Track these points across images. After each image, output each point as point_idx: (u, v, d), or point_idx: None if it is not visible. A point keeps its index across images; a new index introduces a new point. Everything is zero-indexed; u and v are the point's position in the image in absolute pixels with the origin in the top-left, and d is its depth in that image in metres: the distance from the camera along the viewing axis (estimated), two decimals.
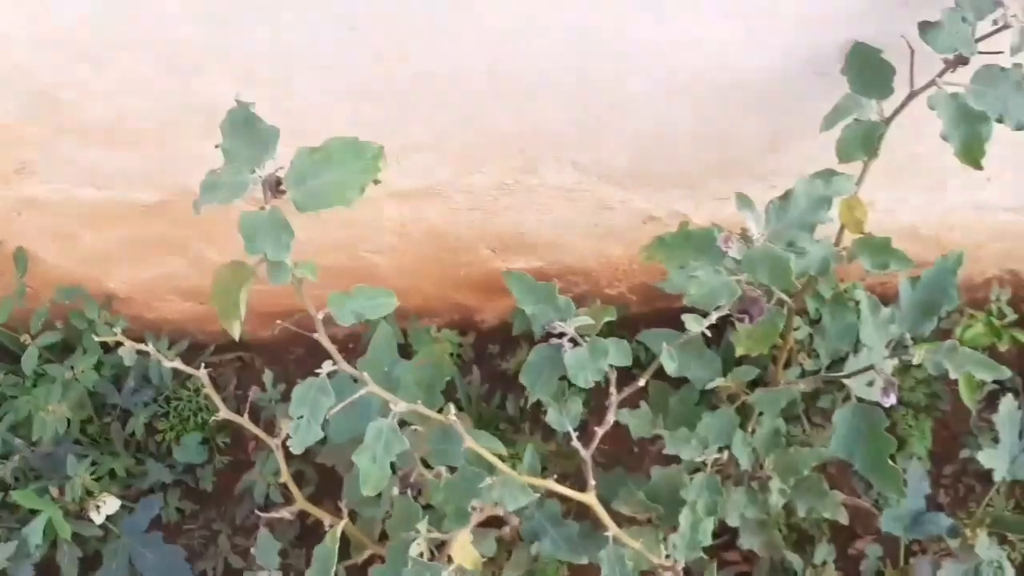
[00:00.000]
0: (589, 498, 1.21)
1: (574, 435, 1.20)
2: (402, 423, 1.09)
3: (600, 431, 1.23)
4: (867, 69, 1.15)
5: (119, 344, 1.47)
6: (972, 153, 1.09)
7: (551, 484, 1.17)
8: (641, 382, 1.23)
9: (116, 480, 1.89)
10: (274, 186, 0.98)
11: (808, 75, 1.29)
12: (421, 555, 1.12)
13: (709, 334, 1.24)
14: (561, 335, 1.16)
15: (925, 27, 1.10)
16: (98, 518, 1.75)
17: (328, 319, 1.15)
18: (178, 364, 1.50)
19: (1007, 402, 1.48)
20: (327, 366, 1.06)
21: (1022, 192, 1.56)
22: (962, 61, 1.12)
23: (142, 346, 1.47)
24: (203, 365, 1.74)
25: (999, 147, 1.46)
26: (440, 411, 1.16)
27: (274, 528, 1.68)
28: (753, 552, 1.69)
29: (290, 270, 0.95)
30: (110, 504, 1.76)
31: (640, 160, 1.47)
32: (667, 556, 1.25)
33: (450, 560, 1.10)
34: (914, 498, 1.51)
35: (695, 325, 1.12)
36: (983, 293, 1.78)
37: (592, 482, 1.22)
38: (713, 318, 1.13)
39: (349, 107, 1.36)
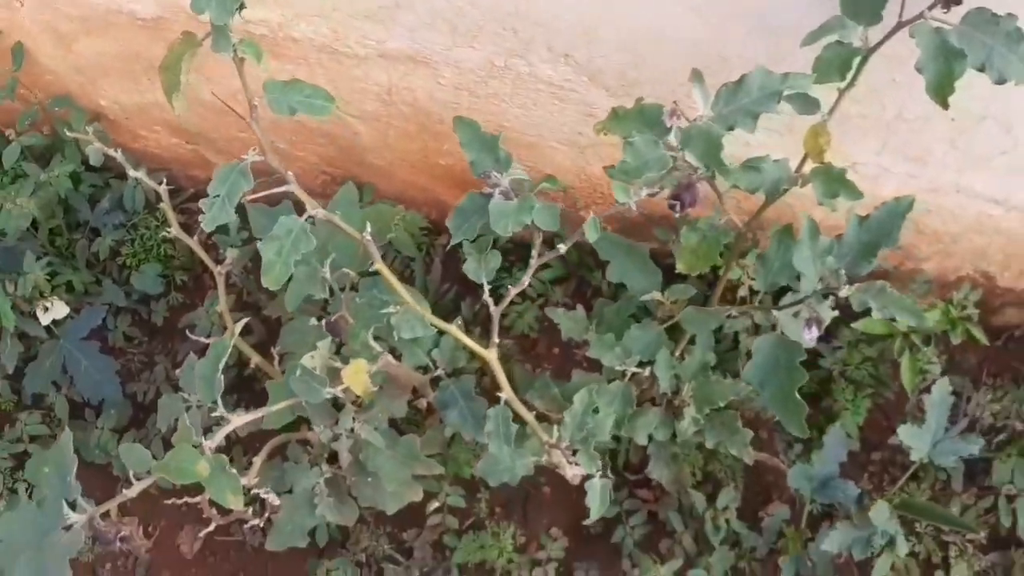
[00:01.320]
0: (489, 354, 1.21)
1: (487, 288, 1.20)
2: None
3: (514, 290, 1.23)
4: None
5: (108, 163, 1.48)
6: (942, 89, 1.07)
7: (451, 328, 1.17)
8: (562, 248, 1.22)
9: (73, 293, 1.92)
10: None
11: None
12: (314, 369, 1.13)
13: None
14: (495, 185, 1.16)
15: None
16: (44, 318, 1.79)
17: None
18: (143, 176, 1.53)
19: (941, 384, 1.46)
20: (251, 154, 1.07)
21: (1011, 186, 1.53)
22: (955, 0, 1.09)
23: (109, 150, 1.50)
24: (180, 209, 1.77)
25: (996, 128, 1.45)
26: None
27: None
28: (663, 489, 1.69)
29: (232, 41, 0.96)
30: (57, 308, 1.80)
31: (633, 65, 1.46)
32: (557, 438, 1.25)
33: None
34: (828, 462, 1.50)
35: (623, 195, 1.11)
36: (953, 291, 1.75)
37: (495, 339, 1.22)
38: (642, 193, 1.12)
39: None
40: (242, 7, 0.96)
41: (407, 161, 1.85)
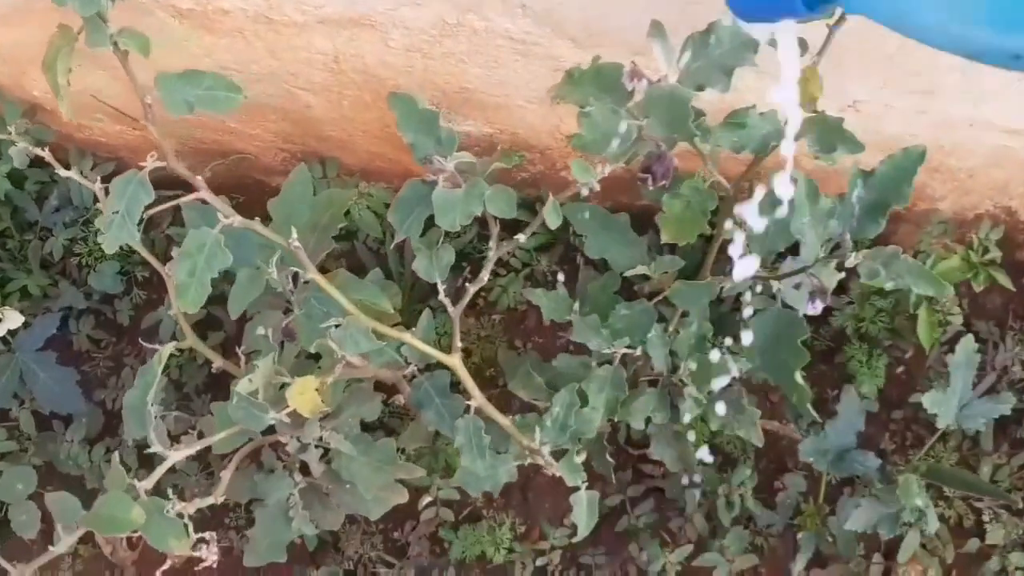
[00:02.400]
0: (452, 360, 1.08)
1: (442, 288, 1.07)
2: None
3: (472, 288, 1.10)
4: None
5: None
6: None
7: (404, 335, 1.04)
8: (522, 238, 1.08)
9: (30, 299, 1.81)
10: None
11: None
12: (254, 393, 1.01)
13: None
14: (438, 172, 1.01)
15: None
16: None
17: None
18: (73, 174, 1.39)
19: (965, 343, 1.32)
20: (151, 160, 0.93)
21: None
22: None
23: (35, 149, 1.37)
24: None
25: None
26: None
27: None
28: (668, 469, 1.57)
29: (109, 33, 0.81)
30: (11, 318, 1.68)
31: (596, 11, 1.29)
32: (542, 442, 1.13)
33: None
34: (844, 433, 1.38)
35: (583, 174, 0.97)
36: (973, 231, 1.60)
37: (457, 344, 1.09)
38: (606, 170, 0.97)
39: None
40: None
41: (367, 132, 1.69)
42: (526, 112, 1.57)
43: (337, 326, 0.99)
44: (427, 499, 1.60)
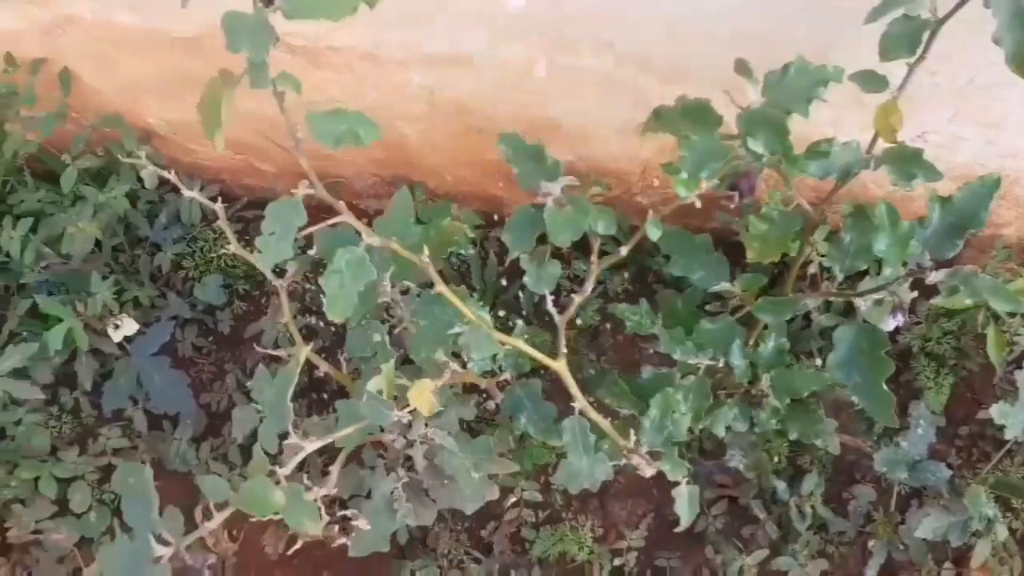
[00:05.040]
0: (559, 365, 1.19)
1: (549, 299, 1.17)
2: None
3: (578, 298, 1.20)
4: None
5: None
6: (1023, 59, 1.00)
7: (519, 343, 1.15)
8: (623, 251, 1.19)
9: (140, 308, 1.95)
10: None
11: None
12: (380, 392, 1.12)
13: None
14: (546, 195, 1.13)
15: None
16: (116, 336, 1.82)
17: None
18: (198, 195, 1.53)
19: None
20: (302, 187, 1.06)
21: None
22: None
23: (163, 172, 1.50)
24: (236, 218, 1.77)
25: None
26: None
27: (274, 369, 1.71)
28: (742, 476, 1.66)
29: (270, 76, 0.93)
30: (127, 325, 1.83)
31: (679, 52, 1.40)
32: (636, 442, 1.22)
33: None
34: (916, 444, 1.45)
35: (683, 189, 1.07)
36: None
37: (563, 350, 1.19)
38: (703, 187, 1.07)
39: None
40: (276, 40, 0.94)
41: (455, 158, 1.82)
42: (608, 141, 1.68)
43: (459, 334, 1.10)
44: (511, 499, 1.70)
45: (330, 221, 1.08)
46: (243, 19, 0.94)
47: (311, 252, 1.45)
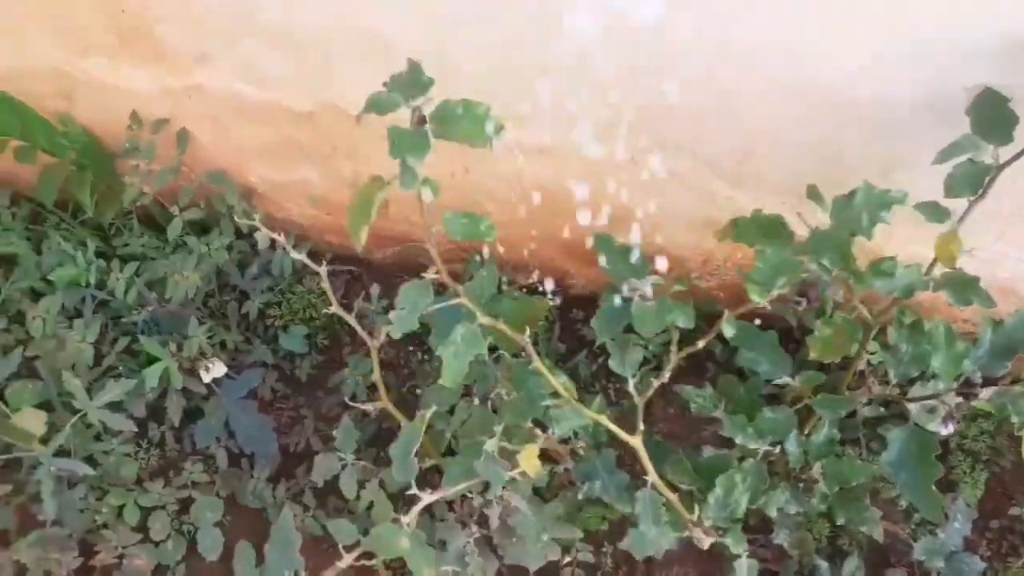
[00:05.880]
0: (635, 441, 1.32)
1: (632, 381, 1.31)
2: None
3: (656, 382, 1.34)
4: (991, 114, 1.20)
5: (253, 230, 1.65)
6: None
7: (603, 419, 1.29)
8: (700, 344, 1.32)
9: (226, 351, 2.09)
10: (420, 119, 1.13)
11: (928, 110, 1.34)
12: (494, 452, 1.26)
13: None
14: (634, 290, 1.28)
15: None
16: (206, 377, 1.96)
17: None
18: (303, 257, 1.68)
19: None
20: (431, 273, 1.21)
21: None
22: None
23: (275, 235, 1.67)
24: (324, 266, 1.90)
25: None
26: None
27: (356, 420, 1.85)
28: (785, 553, 1.77)
29: (419, 179, 1.09)
30: (217, 367, 1.97)
31: (750, 160, 1.55)
32: (699, 517, 1.35)
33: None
34: (953, 536, 1.56)
35: (757, 295, 1.21)
36: None
37: (641, 426, 1.33)
38: (774, 293, 1.21)
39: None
40: (431, 151, 1.09)
41: (532, 235, 1.97)
42: (675, 232, 1.83)
43: (549, 406, 1.24)
44: (567, 559, 1.81)
45: (451, 302, 1.22)
46: (406, 132, 1.10)
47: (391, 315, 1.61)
